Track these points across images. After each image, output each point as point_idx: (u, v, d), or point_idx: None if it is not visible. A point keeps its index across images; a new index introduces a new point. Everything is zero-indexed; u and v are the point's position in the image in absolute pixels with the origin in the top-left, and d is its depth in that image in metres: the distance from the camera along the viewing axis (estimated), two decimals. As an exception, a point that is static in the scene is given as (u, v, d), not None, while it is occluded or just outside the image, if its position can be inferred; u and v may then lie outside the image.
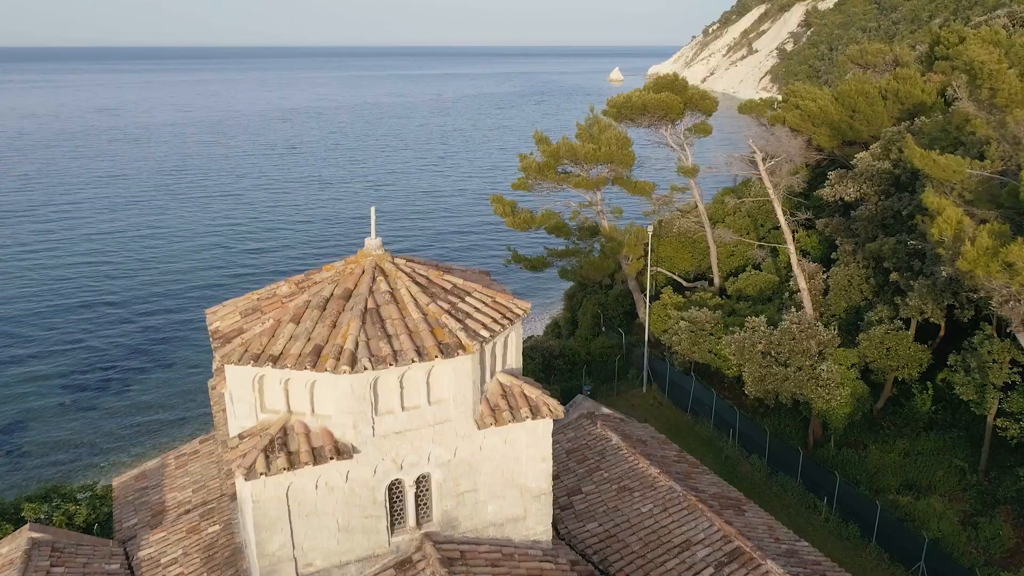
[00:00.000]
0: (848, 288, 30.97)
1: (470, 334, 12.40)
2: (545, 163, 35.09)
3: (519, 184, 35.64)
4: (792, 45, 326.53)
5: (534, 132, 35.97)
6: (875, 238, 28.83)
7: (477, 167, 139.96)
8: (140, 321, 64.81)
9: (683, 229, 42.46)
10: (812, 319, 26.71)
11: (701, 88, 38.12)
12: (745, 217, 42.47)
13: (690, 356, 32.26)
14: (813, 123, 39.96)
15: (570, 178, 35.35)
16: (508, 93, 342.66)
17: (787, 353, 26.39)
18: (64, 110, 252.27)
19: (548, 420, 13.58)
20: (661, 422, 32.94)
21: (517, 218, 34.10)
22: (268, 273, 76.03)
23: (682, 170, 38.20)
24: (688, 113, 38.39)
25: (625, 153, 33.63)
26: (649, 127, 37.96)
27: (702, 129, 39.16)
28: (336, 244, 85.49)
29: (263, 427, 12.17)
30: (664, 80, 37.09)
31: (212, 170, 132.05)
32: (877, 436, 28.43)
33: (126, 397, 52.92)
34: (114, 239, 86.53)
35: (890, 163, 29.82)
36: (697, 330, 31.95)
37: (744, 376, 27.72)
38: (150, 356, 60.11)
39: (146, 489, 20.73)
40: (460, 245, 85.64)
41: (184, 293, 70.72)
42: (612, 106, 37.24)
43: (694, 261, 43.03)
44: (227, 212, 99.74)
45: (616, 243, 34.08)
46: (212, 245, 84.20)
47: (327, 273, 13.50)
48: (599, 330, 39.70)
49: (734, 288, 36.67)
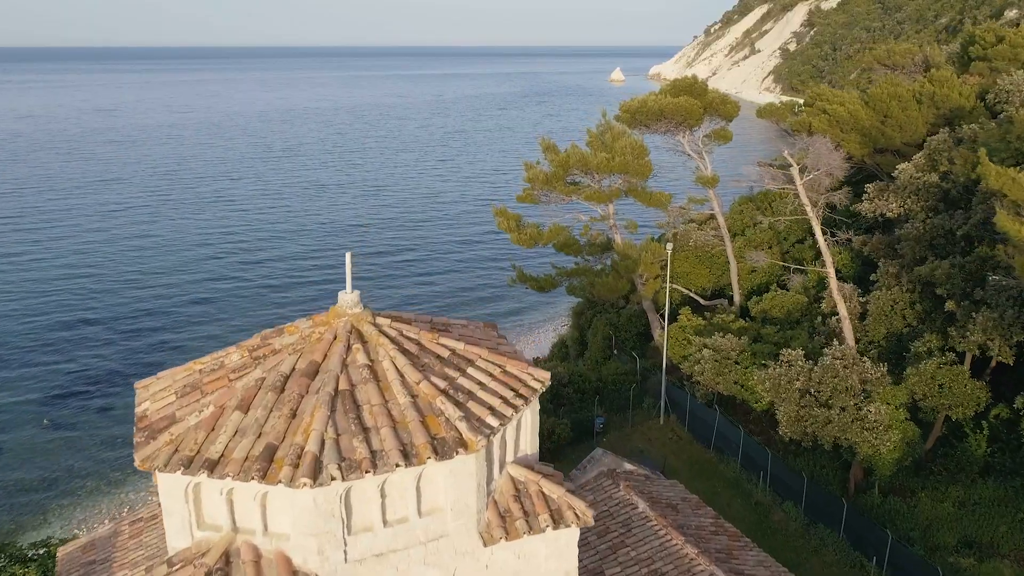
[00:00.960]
0: (889, 314, 27.99)
1: (473, 425, 9.44)
2: (553, 173, 32.13)
3: (524, 197, 32.67)
4: (795, 45, 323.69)
5: (541, 139, 33.03)
6: (923, 260, 25.87)
7: (478, 169, 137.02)
8: (122, 340, 61.81)
9: (700, 243, 39.47)
10: (855, 352, 23.72)
11: (721, 92, 35.13)
12: (767, 230, 39.51)
13: (714, 387, 29.29)
14: (842, 129, 36.99)
15: (580, 190, 32.39)
16: (509, 93, 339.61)
17: (829, 392, 23.41)
18: (61, 111, 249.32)
19: (574, 529, 10.61)
20: (682, 459, 29.99)
21: (523, 234, 31.13)
22: (257, 286, 73.13)
23: (700, 180, 35.23)
24: (707, 118, 35.41)
25: (641, 163, 30.66)
26: (665, 133, 34.99)
27: (722, 136, 36.20)
28: (330, 253, 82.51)
29: (199, 550, 9.19)
30: (682, 83, 34.11)
31: (207, 174, 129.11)
32: (926, 482, 25.44)
33: (103, 428, 49.89)
34: (100, 248, 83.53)
35: (937, 176, 26.84)
36: (722, 359, 28.98)
37: (778, 416, 24.75)
38: (132, 378, 57.09)
39: (93, 564, 17.77)
40: (461, 258, 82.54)
41: (170, 309, 67.73)
42: (625, 111, 34.27)
43: (712, 277, 40.06)
44: (220, 219, 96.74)
45: (630, 261, 31.09)
46: (202, 255, 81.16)
47: (289, 338, 10.48)
48: (610, 353, 36.73)
49: (758, 309, 33.69)
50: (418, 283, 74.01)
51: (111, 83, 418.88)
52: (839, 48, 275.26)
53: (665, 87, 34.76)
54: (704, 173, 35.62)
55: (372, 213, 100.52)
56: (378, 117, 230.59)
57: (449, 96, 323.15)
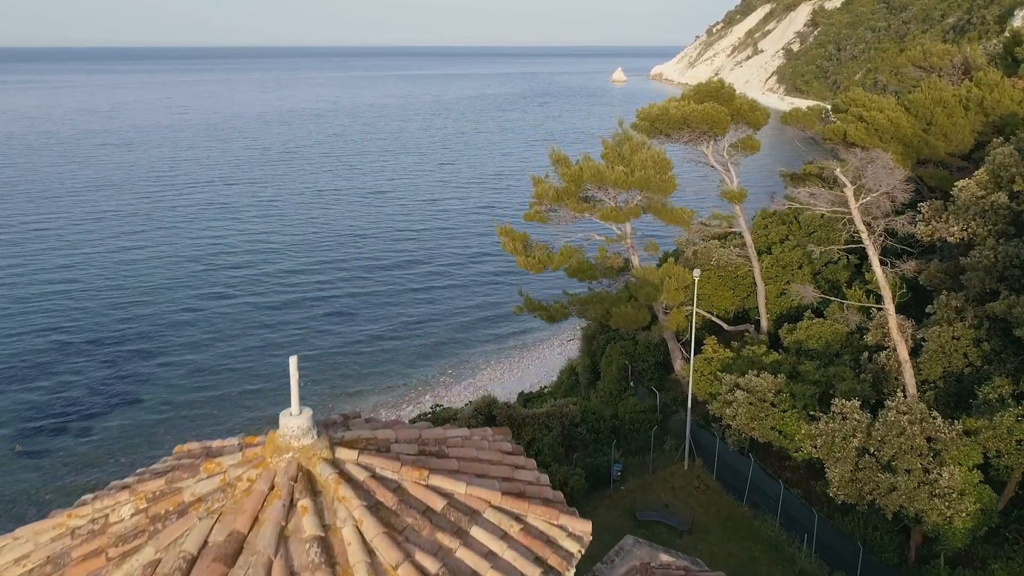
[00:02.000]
0: (949, 352, 24.55)
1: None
2: (564, 188, 28.72)
3: (532, 215, 29.25)
4: (798, 45, 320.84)
5: (551, 151, 29.62)
6: (993, 293, 22.47)
7: (480, 173, 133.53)
8: (104, 358, 58.45)
9: (723, 261, 36.03)
10: (922, 406, 20.28)
11: (749, 98, 31.72)
12: (795, 249, 36.06)
13: (748, 433, 25.86)
14: (881, 138, 33.53)
15: (595, 208, 28.95)
16: (510, 94, 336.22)
17: (892, 452, 19.98)
18: (57, 112, 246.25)
19: None
20: (711, 513, 26.56)
21: (531, 259, 27.71)
22: (247, 294, 69.73)
23: (726, 194, 31.80)
24: (732, 126, 31.97)
25: (664, 179, 27.25)
26: (688, 143, 31.57)
27: (749, 145, 32.79)
28: (323, 263, 79.08)
29: None
30: (707, 88, 30.68)
31: (202, 178, 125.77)
32: (999, 551, 22.01)
33: (78, 454, 46.58)
34: (84, 258, 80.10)
35: (1007, 195, 23.40)
36: (757, 401, 25.55)
37: (829, 475, 21.33)
38: (114, 395, 53.78)
39: None
40: (462, 274, 78.92)
41: (157, 325, 64.34)
42: (643, 119, 30.84)
43: (735, 299, 36.63)
44: (212, 228, 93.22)
45: (651, 288, 27.67)
46: (191, 268, 77.65)
47: (205, 483, 7.06)
48: (626, 385, 33.29)
49: (792, 339, 30.25)
50: (417, 299, 70.52)
51: (109, 84, 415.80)
52: (843, 48, 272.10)
53: (687, 92, 31.32)
54: (730, 187, 32.19)
55: (370, 222, 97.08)
56: (377, 118, 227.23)
57: (449, 97, 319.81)
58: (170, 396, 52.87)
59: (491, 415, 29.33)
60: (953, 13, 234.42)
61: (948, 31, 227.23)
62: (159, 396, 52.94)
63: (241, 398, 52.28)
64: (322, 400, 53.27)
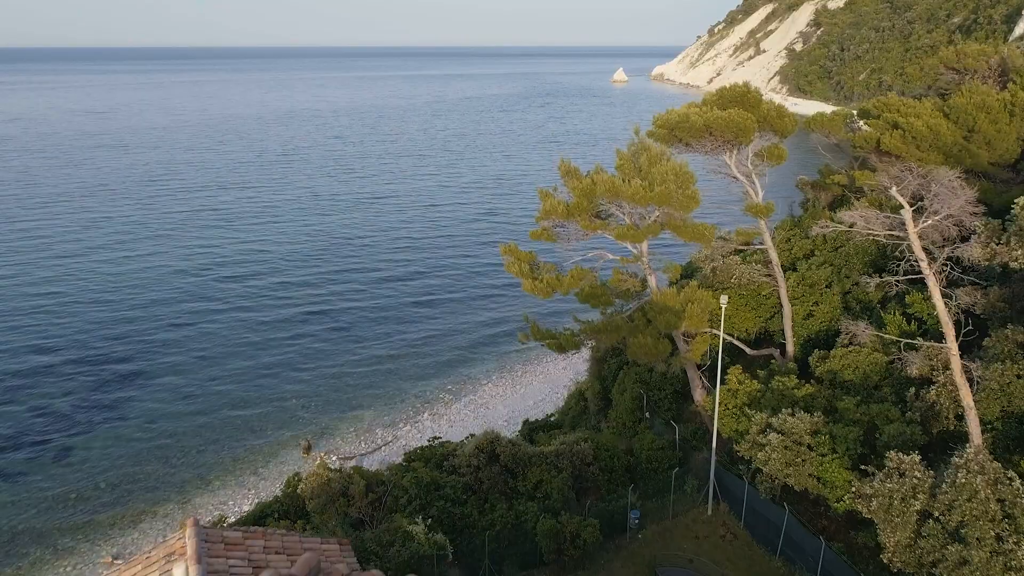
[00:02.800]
0: (1010, 392, 21.78)
1: None
2: (575, 204, 25.97)
3: (540, 234, 26.47)
4: (801, 45, 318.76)
5: (559, 162, 26.88)
6: (1067, 328, 19.69)
7: (482, 176, 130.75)
8: (87, 377, 55.78)
9: (745, 280, 33.25)
10: (997, 465, 17.50)
11: (777, 103, 28.96)
12: (824, 267, 33.26)
13: (782, 479, 23.07)
14: (919, 146, 30.71)
15: (609, 226, 26.18)
16: (511, 95, 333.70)
17: (960, 517, 17.21)
18: (54, 112, 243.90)
19: None
20: (741, 569, 23.78)
21: (539, 283, 24.93)
22: (237, 308, 66.99)
23: (751, 209, 29.02)
24: (757, 134, 29.20)
25: (687, 194, 24.50)
26: (709, 153, 28.79)
27: (776, 155, 30.03)
28: (317, 274, 76.26)
29: None
30: (731, 93, 27.92)
31: (196, 183, 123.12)
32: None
33: (55, 481, 43.93)
34: (71, 267, 77.32)
35: (1078, 215, 20.61)
36: (792, 444, 22.78)
37: (883, 540, 18.54)
38: (96, 417, 50.98)
39: None
40: (462, 284, 76.03)
41: (143, 335, 61.68)
42: (661, 126, 28.08)
43: (758, 320, 33.83)
44: (204, 235, 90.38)
45: (672, 315, 24.91)
46: (181, 278, 74.82)
47: None
48: (641, 416, 30.50)
49: (825, 369, 27.45)
50: (416, 311, 67.63)
51: (107, 84, 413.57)
52: (847, 48, 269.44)
53: (709, 97, 28.56)
54: (754, 200, 29.41)
55: (368, 229, 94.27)
56: (377, 119, 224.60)
57: (450, 97, 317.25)
58: (155, 419, 50.12)
59: (494, 453, 26.59)
60: (959, 13, 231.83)
61: (954, 31, 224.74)
62: (143, 419, 50.19)
63: (229, 423, 49.53)
64: (314, 417, 50.54)
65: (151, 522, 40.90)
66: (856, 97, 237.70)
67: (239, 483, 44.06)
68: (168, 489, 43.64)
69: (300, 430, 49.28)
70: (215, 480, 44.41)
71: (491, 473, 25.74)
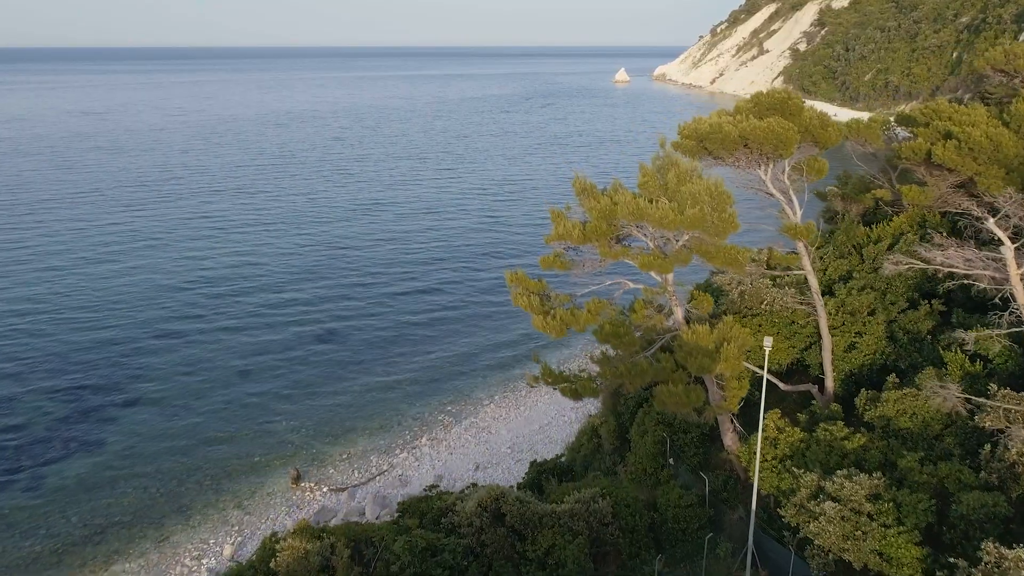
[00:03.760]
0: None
1: None
2: (592, 227, 22.58)
3: (552, 261, 23.05)
4: (805, 45, 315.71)
5: (574, 179, 23.50)
6: None
7: (483, 180, 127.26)
8: (67, 389, 52.65)
9: (777, 305, 29.86)
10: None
11: (819, 111, 25.54)
12: (867, 292, 29.84)
13: (838, 554, 19.66)
14: (976, 159, 27.32)
15: (631, 252, 22.78)
16: (512, 95, 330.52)
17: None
18: (50, 113, 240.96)
19: None
20: (787, 657, 20.33)
21: (552, 319, 21.51)
22: (225, 320, 63.55)
23: (789, 230, 25.59)
24: (797, 146, 25.75)
25: (723, 218, 21.11)
26: (742, 167, 25.39)
27: (816, 169, 26.62)
28: (309, 284, 72.77)
29: None
30: (768, 99, 24.51)
31: (190, 187, 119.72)
32: None
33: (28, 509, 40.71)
34: (54, 279, 73.91)
35: None
36: (850, 514, 19.38)
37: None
38: (72, 440, 47.67)
39: None
40: (462, 296, 72.50)
41: (126, 349, 58.37)
42: (688, 136, 24.66)
43: (791, 350, 30.43)
44: (194, 245, 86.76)
45: (705, 357, 21.50)
46: (167, 288, 71.41)
47: None
48: (665, 463, 27.08)
49: (877, 415, 24.03)
50: (413, 325, 64.03)
51: (105, 84, 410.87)
52: (852, 48, 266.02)
53: (743, 105, 25.14)
54: (792, 220, 26.00)
55: (365, 237, 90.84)
56: (377, 120, 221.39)
57: (451, 98, 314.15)
58: (134, 445, 46.78)
59: (499, 512, 23.20)
60: (967, 12, 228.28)
61: (962, 31, 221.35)
62: (122, 445, 46.83)
63: (212, 449, 46.18)
64: (304, 441, 47.16)
65: (123, 563, 37.57)
66: (862, 98, 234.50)
67: (222, 518, 40.67)
68: (145, 524, 40.26)
69: (288, 456, 45.91)
70: (196, 515, 41.01)
71: (496, 536, 22.37)
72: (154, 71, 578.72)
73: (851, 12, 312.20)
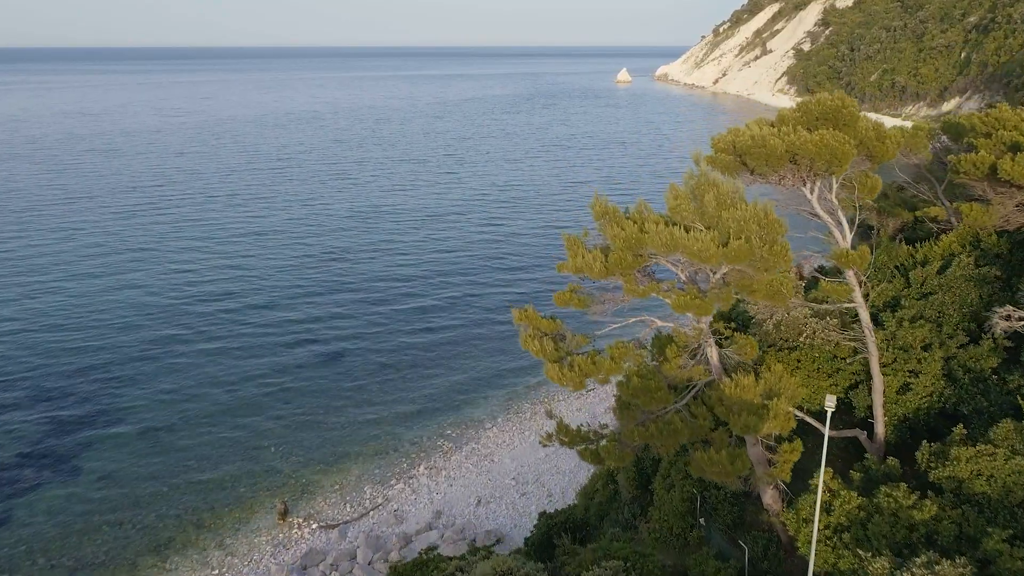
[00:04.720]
0: None
1: None
2: (616, 259, 19.17)
3: (567, 299, 19.63)
4: (809, 45, 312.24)
5: (593, 199, 20.10)
6: None
7: (485, 184, 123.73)
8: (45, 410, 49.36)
9: (818, 339, 26.42)
10: None
11: (875, 120, 22.08)
12: (920, 324, 26.38)
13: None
14: (1051, 175, 24.00)
15: (663, 290, 19.35)
16: (514, 96, 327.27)
17: None
18: (48, 114, 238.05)
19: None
20: None
21: (568, 370, 18.10)
22: (214, 335, 60.13)
23: (838, 257, 22.12)
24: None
25: (773, 251, 17.71)
26: (788, 186, 21.95)
27: (870, 186, 23.15)
28: (303, 297, 69.22)
29: None
30: (819, 107, 21.06)
31: (183, 191, 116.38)
32: None
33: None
34: (36, 287, 70.52)
35: None
36: (933, 611, 15.96)
37: None
38: (46, 467, 44.37)
39: None
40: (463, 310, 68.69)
41: (109, 368, 55.11)
42: (724, 150, 21.23)
43: (834, 389, 26.97)
44: (184, 256, 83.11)
45: (752, 416, 18.09)
46: (155, 301, 67.93)
47: None
48: (695, 523, 23.63)
49: (946, 475, 20.60)
50: (411, 341, 60.39)
51: (104, 84, 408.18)
52: (857, 48, 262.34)
53: (788, 114, 21.70)
54: (842, 246, 22.55)
55: (362, 245, 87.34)
56: (377, 121, 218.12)
57: (452, 98, 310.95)
58: (110, 474, 43.45)
59: (507, 590, 19.80)
60: (975, 12, 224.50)
61: (970, 30, 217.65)
62: (97, 473, 43.52)
63: (194, 478, 42.81)
64: (294, 470, 43.75)
65: (92, 616, 34.25)
66: (868, 98, 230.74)
67: (202, 561, 37.25)
68: (117, 566, 36.90)
69: (277, 487, 42.51)
70: (174, 555, 37.60)
71: (503, 621, 19.01)
72: (153, 71, 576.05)
73: (855, 11, 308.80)
